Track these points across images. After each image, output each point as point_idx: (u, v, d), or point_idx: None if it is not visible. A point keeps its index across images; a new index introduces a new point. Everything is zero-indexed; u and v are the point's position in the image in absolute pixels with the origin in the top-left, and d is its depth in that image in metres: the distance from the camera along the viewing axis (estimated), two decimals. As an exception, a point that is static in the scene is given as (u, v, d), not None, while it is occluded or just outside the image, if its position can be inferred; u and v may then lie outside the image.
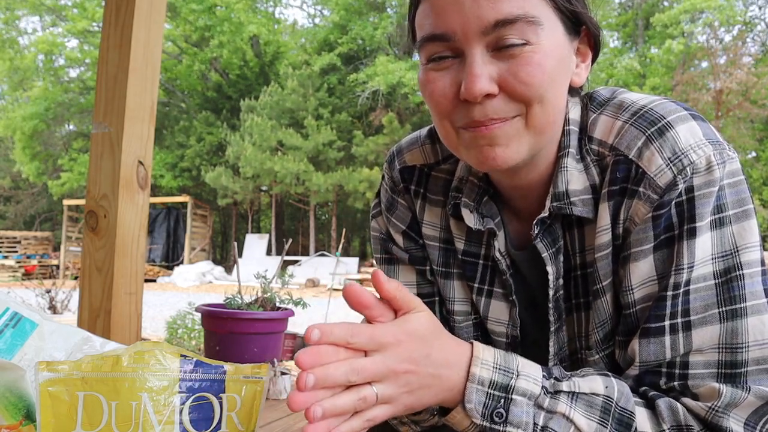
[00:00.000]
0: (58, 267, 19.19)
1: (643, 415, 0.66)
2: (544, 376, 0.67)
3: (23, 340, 0.82)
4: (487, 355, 0.66)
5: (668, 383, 0.69)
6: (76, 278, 14.08)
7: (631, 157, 0.71)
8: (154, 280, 17.51)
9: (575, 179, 0.76)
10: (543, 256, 0.78)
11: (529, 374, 0.66)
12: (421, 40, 0.72)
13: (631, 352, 0.71)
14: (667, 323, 0.68)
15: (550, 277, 0.78)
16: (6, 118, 23.90)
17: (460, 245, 0.88)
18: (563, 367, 0.71)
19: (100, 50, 1.65)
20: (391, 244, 0.95)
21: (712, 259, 0.67)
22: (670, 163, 0.68)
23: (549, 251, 0.78)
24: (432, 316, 0.66)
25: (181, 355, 0.70)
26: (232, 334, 1.45)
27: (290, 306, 1.57)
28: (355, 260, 18.23)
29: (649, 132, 0.70)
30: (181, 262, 19.95)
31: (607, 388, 0.67)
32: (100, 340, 0.87)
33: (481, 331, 0.90)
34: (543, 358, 0.80)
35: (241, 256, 18.45)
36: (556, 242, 0.78)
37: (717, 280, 0.67)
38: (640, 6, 21.38)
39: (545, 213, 0.76)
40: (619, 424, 0.65)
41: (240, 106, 21.20)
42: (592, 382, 0.67)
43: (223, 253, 26.15)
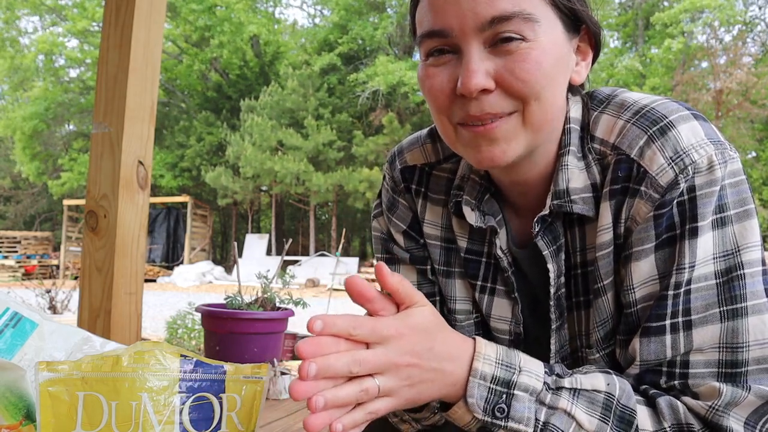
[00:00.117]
0: (58, 267, 19.19)
1: (644, 413, 0.66)
2: (546, 373, 0.67)
3: (23, 340, 0.82)
4: (490, 350, 0.66)
5: (669, 382, 0.69)
6: (76, 278, 14.08)
7: (632, 156, 0.71)
8: (154, 280, 17.51)
9: (576, 177, 0.76)
10: (544, 254, 0.78)
11: (531, 370, 0.66)
12: (420, 36, 0.73)
13: (632, 351, 0.71)
14: (667, 322, 0.68)
15: (551, 275, 0.78)
16: (6, 118, 23.90)
17: (463, 243, 0.88)
18: (565, 365, 0.71)
19: (100, 50, 1.65)
20: (392, 243, 0.95)
21: (714, 258, 0.67)
22: (672, 162, 0.68)
23: (550, 249, 0.78)
24: (434, 310, 0.66)
25: (181, 355, 0.70)
26: (232, 334, 1.45)
27: (290, 306, 1.57)
28: (355, 260, 18.23)
29: (651, 131, 0.70)
30: (181, 262, 19.95)
31: (608, 385, 0.67)
32: (100, 340, 0.87)
33: (482, 330, 0.90)
34: (544, 355, 0.79)
35: (241, 256, 18.46)
36: (557, 240, 0.78)
37: (718, 280, 0.67)
38: (640, 6, 21.38)
39: (546, 211, 0.77)
40: (621, 421, 0.65)
41: (240, 106, 21.20)
42: (594, 379, 0.67)
43: (223, 253, 26.15)
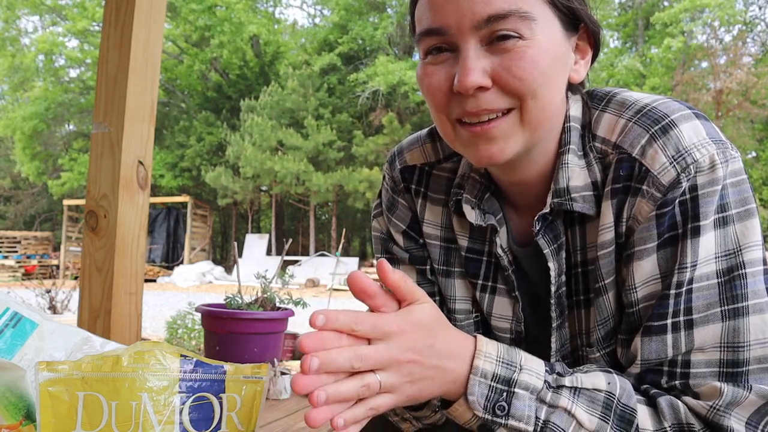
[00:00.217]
0: (58, 267, 19.18)
1: (644, 413, 0.66)
2: (546, 371, 0.67)
3: (23, 340, 0.82)
4: (491, 348, 0.66)
5: (669, 382, 0.69)
6: (76, 278, 14.08)
7: (634, 155, 0.71)
8: (154, 280, 17.51)
9: (576, 175, 0.76)
10: (545, 252, 0.78)
11: (532, 368, 0.66)
12: (418, 34, 0.74)
13: (633, 351, 0.71)
14: (669, 321, 0.68)
15: (552, 274, 0.78)
16: (6, 118, 23.89)
17: (464, 242, 0.88)
18: (565, 364, 0.71)
19: (100, 50, 1.65)
20: (392, 243, 0.95)
21: (716, 257, 0.67)
22: (674, 161, 0.68)
23: (551, 247, 0.78)
24: (436, 307, 0.66)
25: (181, 355, 0.70)
26: (232, 334, 1.45)
27: (290, 306, 1.57)
28: (355, 260, 18.24)
29: (652, 130, 0.70)
30: (181, 262, 19.94)
31: (609, 384, 0.67)
32: (100, 340, 0.87)
33: (482, 329, 0.90)
34: (545, 354, 0.80)
35: (241, 256, 18.46)
36: (558, 239, 0.78)
37: (720, 279, 0.67)
38: (640, 6, 21.38)
39: (546, 209, 0.77)
40: (621, 421, 0.65)
41: (240, 106, 21.20)
42: (595, 378, 0.68)
43: (223, 253, 26.16)
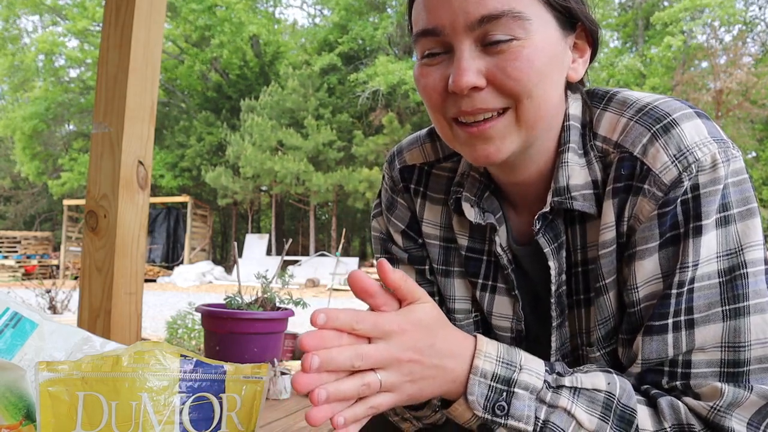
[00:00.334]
0: (58, 267, 19.18)
1: (644, 413, 0.66)
2: (546, 371, 0.67)
3: (23, 340, 0.82)
4: (491, 348, 0.66)
5: (670, 382, 0.69)
6: (76, 278, 14.08)
7: (635, 154, 0.71)
8: (154, 280, 17.51)
9: (576, 174, 0.76)
10: (545, 251, 0.78)
11: (532, 368, 0.66)
12: (414, 36, 0.74)
13: (634, 350, 0.71)
14: (670, 321, 0.68)
15: (552, 273, 0.78)
16: (6, 118, 23.88)
17: (464, 242, 0.88)
18: (565, 364, 0.71)
19: (100, 50, 1.65)
20: (391, 243, 0.95)
21: (717, 257, 0.67)
22: (676, 160, 0.68)
23: (551, 246, 0.78)
24: (436, 307, 0.66)
25: (181, 355, 0.70)
26: (232, 334, 1.45)
27: (290, 306, 1.57)
28: (355, 260, 18.24)
29: (654, 129, 0.70)
30: (181, 262, 19.94)
31: (609, 384, 0.67)
32: (100, 340, 0.87)
33: (481, 329, 0.90)
34: (545, 353, 0.80)
35: (241, 256, 18.45)
36: (558, 238, 0.78)
37: (721, 279, 0.67)
38: (640, 6, 21.37)
39: (546, 208, 0.77)
40: (621, 421, 0.65)
41: (240, 106, 21.20)
42: (595, 378, 0.68)
43: (223, 253, 26.15)
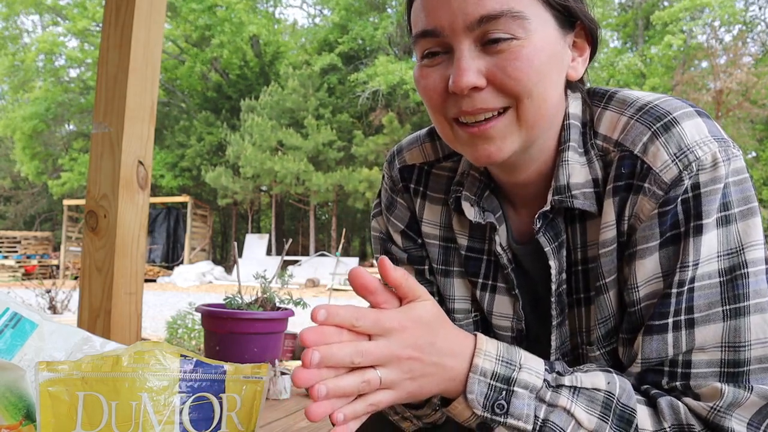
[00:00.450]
0: (58, 267, 19.18)
1: (644, 413, 0.66)
2: (546, 370, 0.67)
3: (23, 340, 0.82)
4: (491, 347, 0.66)
5: (670, 383, 0.69)
6: (76, 278, 14.07)
7: (636, 153, 0.71)
8: (154, 280, 17.50)
9: (577, 172, 0.76)
10: (546, 250, 0.78)
11: (532, 367, 0.66)
12: (414, 36, 0.74)
13: (634, 349, 0.71)
14: (670, 320, 0.68)
15: (553, 272, 0.78)
16: (6, 118, 23.88)
17: (464, 241, 0.88)
18: (565, 363, 0.71)
19: (100, 50, 1.65)
20: (391, 243, 0.95)
21: (718, 256, 0.67)
22: (676, 158, 0.68)
23: (551, 245, 0.78)
24: (437, 305, 0.66)
25: (181, 355, 0.70)
26: (232, 334, 1.45)
27: (290, 306, 1.57)
28: (355, 260, 18.24)
29: (654, 127, 0.70)
30: (181, 262, 19.94)
31: (609, 383, 0.67)
32: (100, 340, 0.87)
33: (481, 329, 0.90)
34: (545, 352, 0.80)
35: (241, 256, 18.45)
36: (559, 236, 0.78)
37: (722, 278, 0.67)
38: (640, 6, 21.37)
39: (547, 207, 0.77)
40: (620, 421, 0.65)
41: (240, 106, 21.19)
42: (594, 378, 0.68)
43: (223, 253, 26.15)
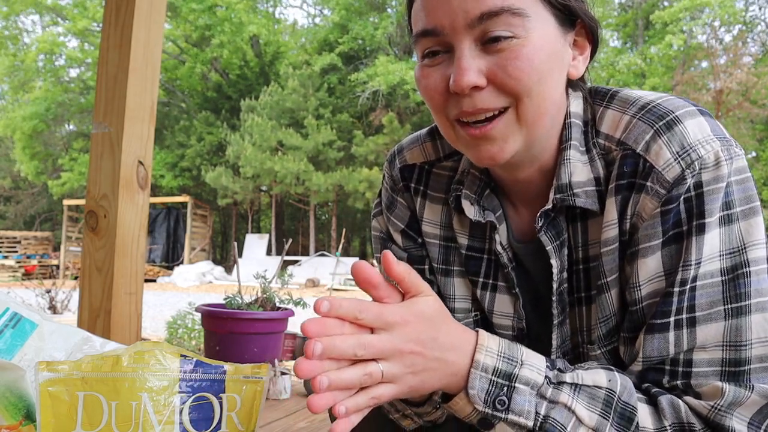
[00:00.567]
0: (58, 267, 19.17)
1: (645, 411, 0.66)
2: (547, 367, 0.67)
3: (23, 340, 0.82)
4: (492, 343, 0.67)
5: (671, 381, 0.69)
6: (76, 278, 14.07)
7: (638, 152, 0.71)
8: (154, 280, 17.50)
9: (579, 171, 0.76)
10: (547, 249, 0.78)
11: (533, 364, 0.67)
12: (414, 36, 0.74)
13: (636, 348, 0.71)
14: (672, 319, 0.68)
15: (554, 270, 0.78)
16: (6, 118, 23.87)
17: (464, 241, 0.88)
18: (566, 361, 0.71)
19: (100, 50, 1.65)
20: (391, 243, 0.95)
21: (720, 255, 0.67)
22: (679, 157, 0.68)
23: (553, 244, 0.78)
24: (439, 301, 0.66)
25: (181, 355, 0.70)
26: (232, 334, 1.45)
27: (290, 306, 1.57)
28: (355, 260, 18.20)
29: (657, 126, 0.70)
30: (181, 262, 19.93)
31: (610, 381, 0.67)
32: (100, 340, 0.87)
33: (482, 328, 0.90)
34: (545, 351, 0.80)
35: (241, 256, 18.45)
36: (560, 235, 0.78)
37: (724, 277, 0.67)
38: (640, 6, 21.36)
39: (549, 205, 0.76)
40: (621, 418, 0.65)
41: (240, 106, 21.19)
42: (596, 375, 0.68)
43: (223, 253, 26.15)
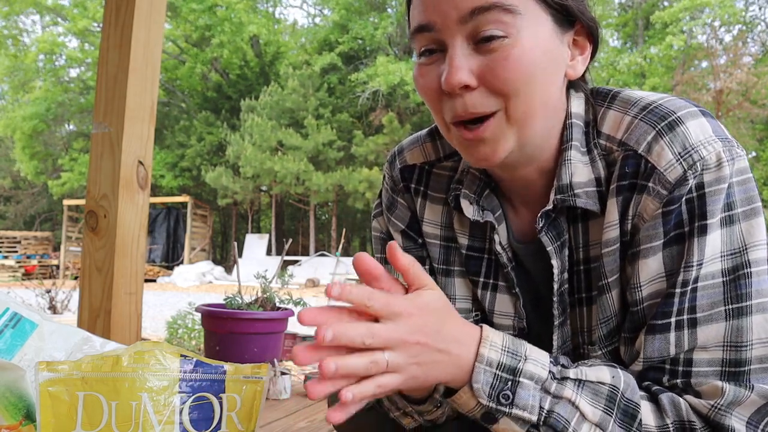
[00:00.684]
0: (58, 267, 19.17)
1: (647, 408, 0.66)
2: (551, 362, 0.67)
3: (23, 340, 0.82)
4: (496, 338, 0.67)
5: (671, 380, 0.69)
6: (76, 278, 14.07)
7: (640, 152, 0.71)
8: (154, 280, 17.50)
9: (579, 171, 0.76)
10: (548, 249, 0.78)
11: (537, 359, 0.67)
12: (411, 32, 0.75)
13: (636, 348, 0.71)
14: (673, 320, 0.68)
15: (555, 271, 0.78)
16: (6, 118, 23.87)
17: (464, 241, 0.88)
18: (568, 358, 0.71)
19: (100, 50, 1.65)
20: (391, 243, 0.95)
21: (721, 256, 0.67)
22: (680, 158, 0.68)
23: (554, 245, 0.78)
24: (443, 295, 0.66)
25: (181, 355, 0.70)
26: (232, 334, 1.45)
27: (290, 306, 1.57)
28: (356, 259, 18.19)
29: (659, 127, 0.70)
30: (181, 262, 19.93)
31: (613, 378, 0.67)
32: (100, 340, 0.87)
33: None
34: (546, 351, 0.80)
35: (241, 256, 18.45)
36: (561, 236, 0.78)
37: (725, 278, 0.67)
38: (640, 6, 21.36)
39: (549, 206, 0.76)
40: (624, 415, 0.66)
41: (240, 106, 21.18)
42: (599, 372, 0.68)
43: (223, 253, 26.15)
